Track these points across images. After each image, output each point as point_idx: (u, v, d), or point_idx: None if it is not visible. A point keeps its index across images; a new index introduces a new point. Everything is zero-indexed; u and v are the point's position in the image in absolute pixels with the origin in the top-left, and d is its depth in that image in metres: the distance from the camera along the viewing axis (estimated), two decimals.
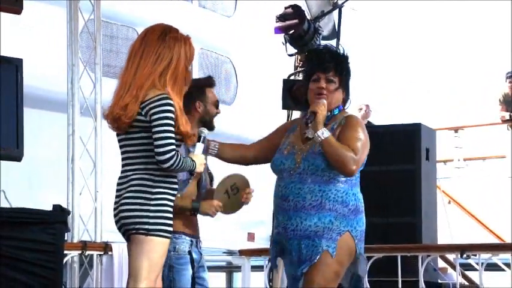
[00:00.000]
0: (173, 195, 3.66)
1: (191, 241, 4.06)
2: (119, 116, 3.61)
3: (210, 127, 4.12)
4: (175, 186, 3.69)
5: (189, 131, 3.68)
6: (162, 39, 3.66)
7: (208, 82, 4.26)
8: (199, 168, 3.75)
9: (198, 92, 4.16)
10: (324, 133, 3.86)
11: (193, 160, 3.71)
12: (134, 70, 3.64)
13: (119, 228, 3.69)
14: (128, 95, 3.61)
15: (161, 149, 3.57)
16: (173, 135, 3.60)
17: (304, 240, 3.88)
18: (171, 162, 3.57)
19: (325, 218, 3.88)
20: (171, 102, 3.61)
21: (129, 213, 3.61)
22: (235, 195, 4.08)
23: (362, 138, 3.92)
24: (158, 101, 3.60)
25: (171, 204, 3.65)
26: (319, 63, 4.03)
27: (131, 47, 3.72)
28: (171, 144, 3.58)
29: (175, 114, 3.62)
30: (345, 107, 4.08)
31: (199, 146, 3.86)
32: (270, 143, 4.11)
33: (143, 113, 3.61)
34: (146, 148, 3.63)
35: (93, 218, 6.35)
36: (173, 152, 3.59)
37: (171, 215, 3.64)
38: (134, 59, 3.66)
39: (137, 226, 3.59)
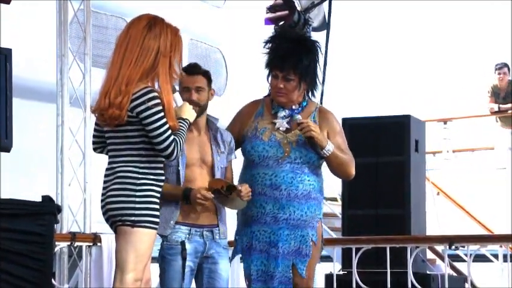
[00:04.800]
0: (159, 186, 3.66)
1: (189, 230, 3.98)
2: (108, 111, 3.58)
3: None
4: (162, 177, 3.69)
5: (176, 125, 3.66)
6: (148, 31, 3.60)
7: (185, 68, 4.07)
8: (192, 118, 3.78)
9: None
10: (329, 149, 3.92)
11: (183, 120, 3.71)
12: (120, 63, 3.60)
13: (106, 220, 3.70)
14: (114, 89, 3.58)
15: (162, 145, 3.58)
16: (167, 124, 3.59)
17: (294, 230, 3.92)
18: (175, 151, 3.60)
19: (311, 207, 3.98)
20: (155, 94, 3.59)
21: (115, 205, 3.61)
22: (230, 195, 3.97)
23: (342, 132, 4.04)
24: (142, 96, 3.58)
25: (158, 195, 3.64)
26: (276, 61, 3.96)
27: (117, 39, 3.67)
28: (169, 136, 3.59)
29: (164, 108, 3.60)
30: (312, 95, 4.06)
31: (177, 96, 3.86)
32: (238, 128, 4.09)
33: (129, 108, 3.59)
34: (131, 141, 3.63)
35: (82, 209, 6.33)
36: (173, 143, 3.60)
37: (157, 206, 3.64)
38: (119, 51, 3.61)
39: (123, 218, 3.59)
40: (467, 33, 14.17)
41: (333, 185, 7.98)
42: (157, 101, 3.58)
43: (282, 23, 6.95)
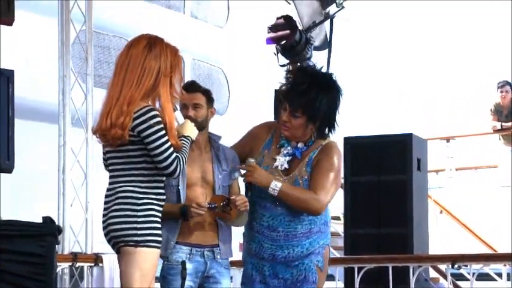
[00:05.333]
0: (161, 205, 3.65)
1: (190, 250, 3.96)
2: (110, 131, 3.58)
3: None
4: (163, 196, 3.67)
5: (178, 143, 3.66)
6: (148, 51, 3.60)
7: (183, 86, 4.02)
8: (194, 136, 3.77)
9: None
10: (276, 186, 3.83)
11: (185, 138, 3.70)
12: (121, 84, 3.60)
13: (109, 241, 3.68)
14: (116, 109, 3.58)
15: (165, 163, 3.57)
16: (169, 142, 3.59)
17: (296, 264, 3.91)
18: (178, 169, 3.60)
19: (314, 241, 3.95)
20: (156, 113, 3.58)
21: (117, 226, 3.60)
22: (231, 210, 3.94)
23: (333, 168, 3.89)
24: (143, 115, 3.57)
25: (159, 214, 3.64)
26: (288, 94, 3.88)
27: (117, 59, 3.67)
28: (171, 154, 3.58)
29: (165, 127, 3.60)
30: (323, 135, 3.95)
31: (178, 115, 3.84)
32: (248, 150, 4.03)
33: (130, 127, 3.58)
34: (133, 160, 3.63)
35: (84, 230, 6.32)
36: (176, 161, 3.59)
37: (159, 225, 3.63)
38: (120, 72, 3.62)
39: (126, 238, 3.58)
40: (469, 51, 14.19)
41: (335, 204, 7.96)
42: (158, 119, 3.58)
43: (283, 42, 6.95)
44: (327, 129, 3.94)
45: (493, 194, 10.11)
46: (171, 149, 3.58)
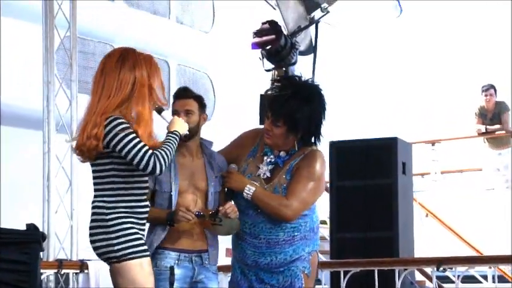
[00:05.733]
0: (135, 214, 3.60)
1: (178, 256, 3.95)
2: (86, 143, 3.59)
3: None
4: (140, 208, 3.61)
5: (156, 144, 3.61)
6: (122, 64, 3.62)
7: (174, 94, 4.10)
8: (184, 130, 3.71)
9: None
10: (250, 190, 3.85)
11: (172, 133, 3.64)
12: (97, 101, 3.62)
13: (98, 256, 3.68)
14: (91, 122, 3.58)
15: (141, 164, 3.53)
16: (141, 143, 3.54)
17: (281, 270, 3.89)
18: (157, 165, 3.53)
19: (298, 248, 3.94)
20: (119, 120, 3.56)
21: (95, 244, 3.61)
22: (220, 221, 3.91)
23: (312, 176, 3.86)
24: (108, 125, 3.57)
25: (135, 225, 3.58)
26: (271, 103, 3.90)
27: (93, 78, 3.68)
28: (145, 152, 3.53)
29: (137, 133, 3.56)
30: (307, 144, 3.94)
31: (167, 114, 3.77)
32: (235, 156, 4.04)
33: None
34: (101, 175, 3.63)
35: (69, 236, 6.30)
36: (152, 157, 3.53)
37: (138, 235, 3.59)
38: (97, 90, 3.64)
39: (106, 256, 3.58)
40: (454, 54, 14.24)
41: (321, 208, 7.96)
42: (123, 126, 3.55)
43: (269, 47, 6.95)
44: (312, 138, 3.94)
45: (477, 197, 10.14)
46: (145, 148, 3.54)
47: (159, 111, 3.73)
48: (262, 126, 5.25)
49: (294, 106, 3.82)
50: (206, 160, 4.05)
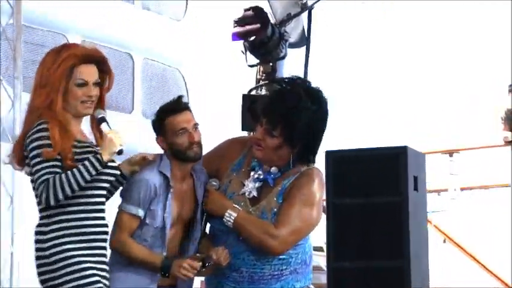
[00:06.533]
0: (80, 240, 3.58)
1: None
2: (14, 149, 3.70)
3: (184, 158, 3.93)
4: (89, 228, 3.61)
5: (66, 149, 3.59)
6: (41, 64, 3.74)
7: (169, 108, 4.06)
8: (108, 155, 3.60)
9: (157, 124, 4.03)
10: (231, 216, 3.78)
11: (94, 158, 3.58)
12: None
13: None
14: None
15: (36, 192, 3.56)
16: (40, 164, 3.56)
17: None
18: (43, 196, 3.53)
19: (288, 284, 3.94)
20: (33, 130, 3.59)
21: (39, 278, 3.60)
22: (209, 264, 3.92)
23: (308, 201, 3.83)
24: (25, 139, 3.64)
25: (80, 251, 3.57)
26: (267, 108, 3.84)
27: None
28: (38, 178, 3.55)
29: (51, 135, 3.57)
30: (305, 162, 3.91)
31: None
32: (216, 168, 3.99)
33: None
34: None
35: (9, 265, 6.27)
36: (41, 186, 3.54)
37: (85, 265, 3.57)
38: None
39: None
40: (475, 49, 14.34)
41: (316, 231, 7.97)
42: (34, 136, 3.58)
43: (252, 38, 6.97)
44: (310, 154, 3.91)
45: (504, 219, 10.19)
46: (42, 172, 3.55)
47: (100, 121, 3.72)
48: (245, 134, 5.23)
49: (297, 113, 3.75)
50: (196, 180, 4.00)
